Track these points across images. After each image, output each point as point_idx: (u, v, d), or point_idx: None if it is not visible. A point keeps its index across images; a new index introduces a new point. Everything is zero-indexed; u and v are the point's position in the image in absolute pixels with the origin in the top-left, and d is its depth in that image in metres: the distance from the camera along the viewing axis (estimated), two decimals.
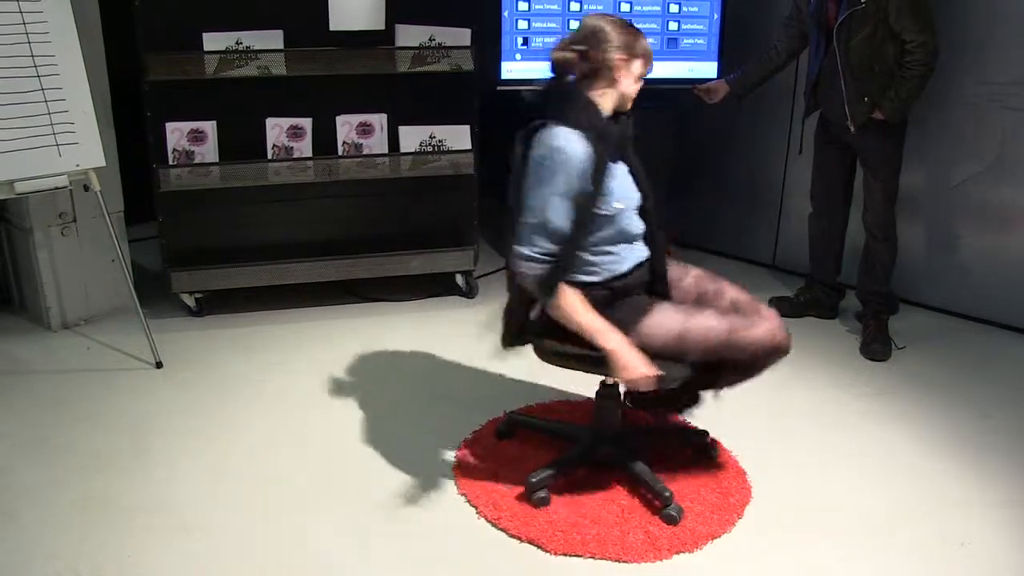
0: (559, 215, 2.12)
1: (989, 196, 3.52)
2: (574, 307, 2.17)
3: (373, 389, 3.06)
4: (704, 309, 2.28)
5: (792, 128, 3.96)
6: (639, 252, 2.32)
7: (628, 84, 2.24)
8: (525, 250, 2.15)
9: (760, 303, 2.35)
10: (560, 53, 2.21)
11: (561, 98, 2.20)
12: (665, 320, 2.21)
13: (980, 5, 3.38)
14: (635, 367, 2.12)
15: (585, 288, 2.21)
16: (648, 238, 2.34)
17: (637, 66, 2.24)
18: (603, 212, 2.18)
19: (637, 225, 2.30)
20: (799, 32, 3.38)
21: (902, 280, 3.61)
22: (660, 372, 2.14)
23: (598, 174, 2.13)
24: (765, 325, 2.23)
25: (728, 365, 2.28)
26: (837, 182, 3.48)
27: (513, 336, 2.38)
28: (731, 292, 2.38)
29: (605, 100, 2.24)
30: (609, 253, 2.25)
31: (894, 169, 3.30)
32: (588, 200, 2.13)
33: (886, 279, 3.43)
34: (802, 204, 3.76)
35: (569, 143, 2.12)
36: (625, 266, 2.28)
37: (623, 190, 2.24)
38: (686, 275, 2.44)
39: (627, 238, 2.28)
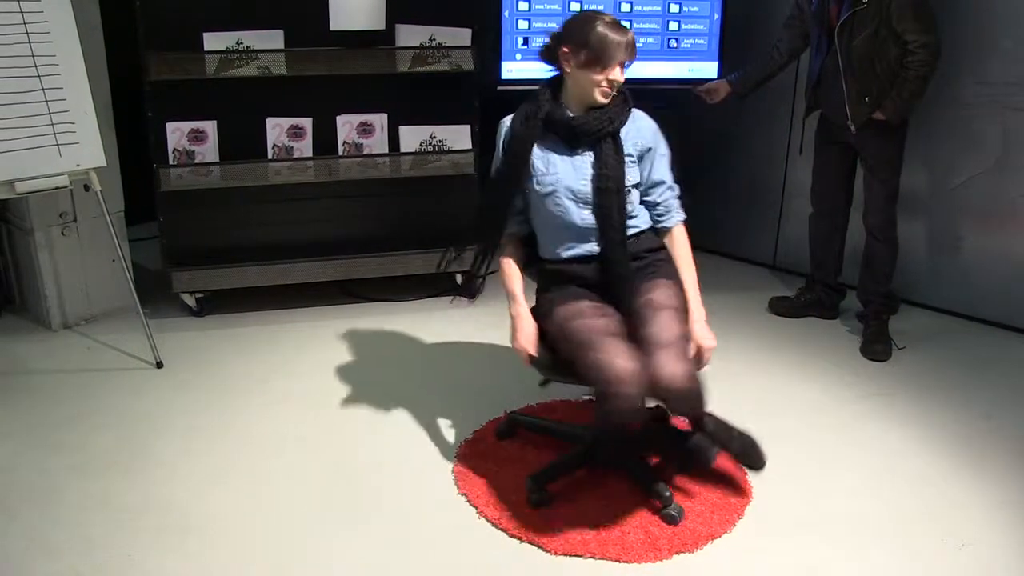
0: (491, 178, 2.41)
1: (990, 196, 3.51)
2: (502, 269, 2.42)
3: (373, 389, 3.06)
4: (604, 320, 2.23)
5: (792, 128, 3.96)
6: (585, 246, 2.33)
7: (579, 74, 2.26)
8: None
9: (669, 353, 2.12)
10: (542, 47, 2.38)
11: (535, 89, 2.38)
12: (566, 311, 2.28)
13: (981, 5, 3.38)
14: (519, 339, 2.29)
15: (532, 259, 2.43)
16: (602, 236, 2.32)
17: (583, 56, 2.23)
18: (528, 191, 2.35)
19: (579, 218, 2.31)
20: (801, 32, 3.37)
21: (903, 280, 3.60)
22: (534, 353, 2.28)
23: (511, 149, 2.33)
24: (621, 363, 2.07)
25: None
26: (838, 182, 3.48)
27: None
28: (654, 326, 2.20)
29: (568, 92, 2.32)
30: (552, 236, 2.38)
31: (894, 169, 3.29)
32: (500, 170, 2.36)
33: (887, 279, 3.43)
34: (803, 204, 3.76)
35: (504, 122, 2.38)
36: (565, 254, 2.36)
37: (553, 176, 2.32)
38: (648, 292, 2.31)
39: (563, 225, 2.34)
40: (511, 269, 2.41)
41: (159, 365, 3.19)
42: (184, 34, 3.30)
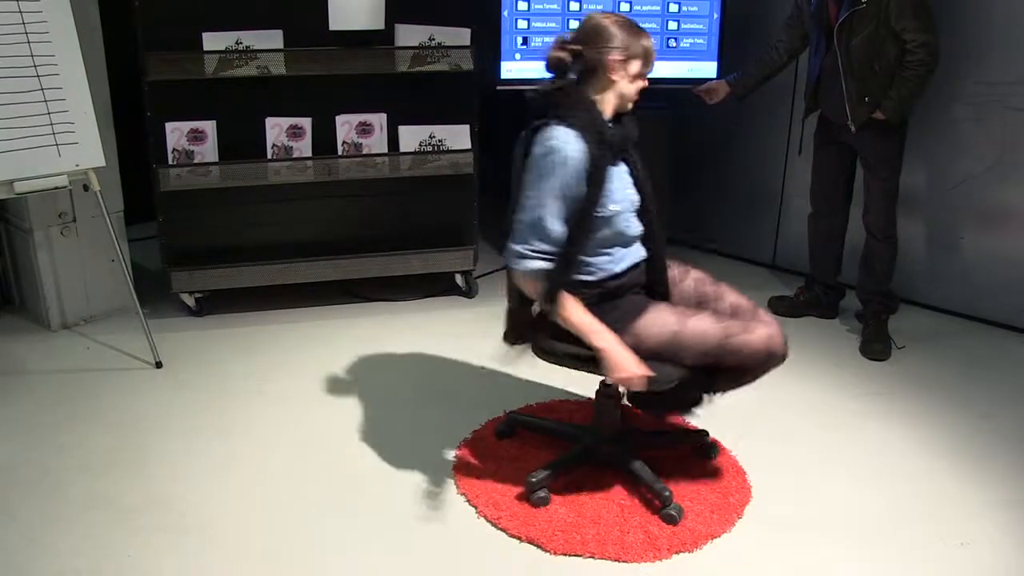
0: (553, 215, 2.13)
1: (989, 196, 3.52)
2: (568, 307, 2.16)
3: (373, 389, 3.06)
4: (700, 311, 2.27)
5: (792, 128, 3.96)
6: (636, 253, 2.32)
7: (626, 84, 2.23)
8: (519, 247, 2.16)
9: (760, 308, 2.34)
10: (554, 53, 2.21)
11: (561, 98, 2.19)
12: (659, 321, 2.21)
13: (981, 5, 3.38)
14: (626, 367, 2.12)
15: (580, 287, 2.21)
16: (647, 239, 2.34)
17: (635, 66, 2.21)
18: (600, 214, 2.17)
19: (635, 226, 2.30)
20: (800, 32, 3.38)
21: (902, 280, 3.60)
22: (651, 373, 2.13)
23: (595, 176, 2.12)
24: (762, 330, 2.21)
25: (724, 369, 2.25)
26: (837, 182, 3.48)
27: (516, 334, 2.38)
28: (731, 296, 2.38)
29: (604, 100, 2.23)
30: (605, 254, 2.25)
31: (894, 169, 3.30)
32: (585, 202, 2.13)
33: (886, 279, 3.43)
34: (802, 204, 3.76)
35: (567, 143, 2.12)
36: (620, 266, 2.28)
37: (621, 192, 2.24)
38: (687, 276, 2.44)
39: (624, 240, 2.27)
40: (578, 301, 2.19)
41: (158, 365, 3.19)
42: (183, 34, 3.30)
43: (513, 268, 2.19)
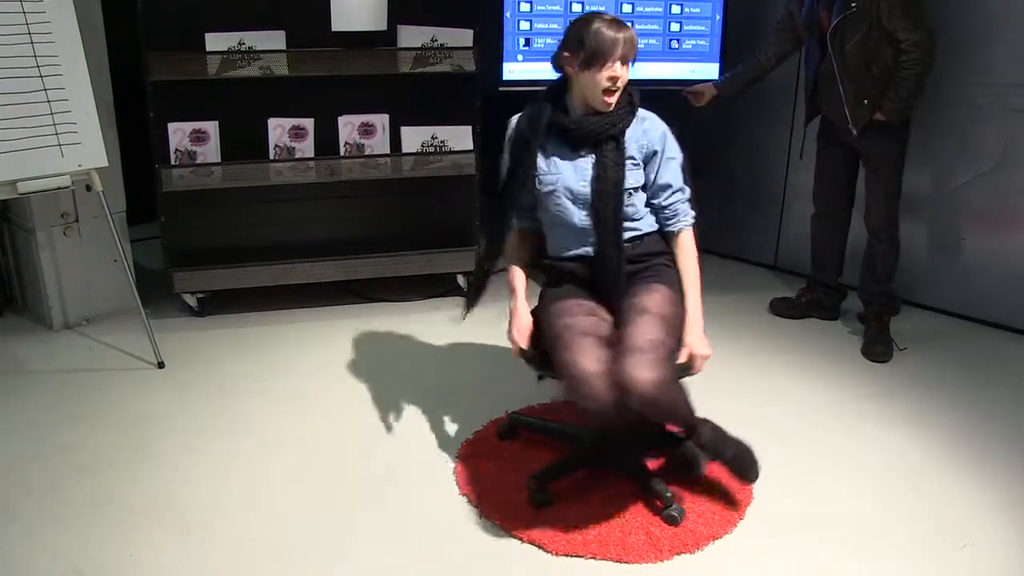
0: (501, 174, 2.42)
1: (991, 197, 3.51)
2: (508, 267, 2.45)
3: (374, 389, 3.06)
4: (586, 319, 2.24)
5: (794, 129, 3.96)
6: (584, 247, 2.35)
7: (583, 79, 2.25)
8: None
9: (640, 358, 2.09)
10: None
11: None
12: (557, 308, 2.30)
13: (982, 5, 3.38)
14: (514, 331, 2.33)
15: (540, 256, 2.46)
16: (599, 238, 2.32)
17: (582, 57, 2.22)
18: (536, 187, 2.36)
19: (576, 218, 2.33)
20: (791, 37, 3.39)
21: (904, 281, 3.60)
22: (523, 346, 2.31)
23: (516, 149, 2.36)
24: (586, 365, 2.08)
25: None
26: (839, 183, 3.48)
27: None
28: (631, 329, 2.18)
29: (574, 95, 2.32)
30: (549, 233, 2.43)
31: (896, 169, 3.29)
32: (512, 168, 2.37)
33: (889, 279, 3.43)
34: (804, 205, 3.76)
35: (512, 120, 2.41)
36: (561, 252, 2.41)
37: (555, 176, 2.34)
38: (635, 295, 2.30)
39: (563, 224, 2.37)
40: (516, 269, 2.47)
41: (160, 365, 3.19)
42: (186, 34, 3.31)
43: None
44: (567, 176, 2.33)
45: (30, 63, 2.92)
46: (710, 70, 3.84)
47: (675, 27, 3.81)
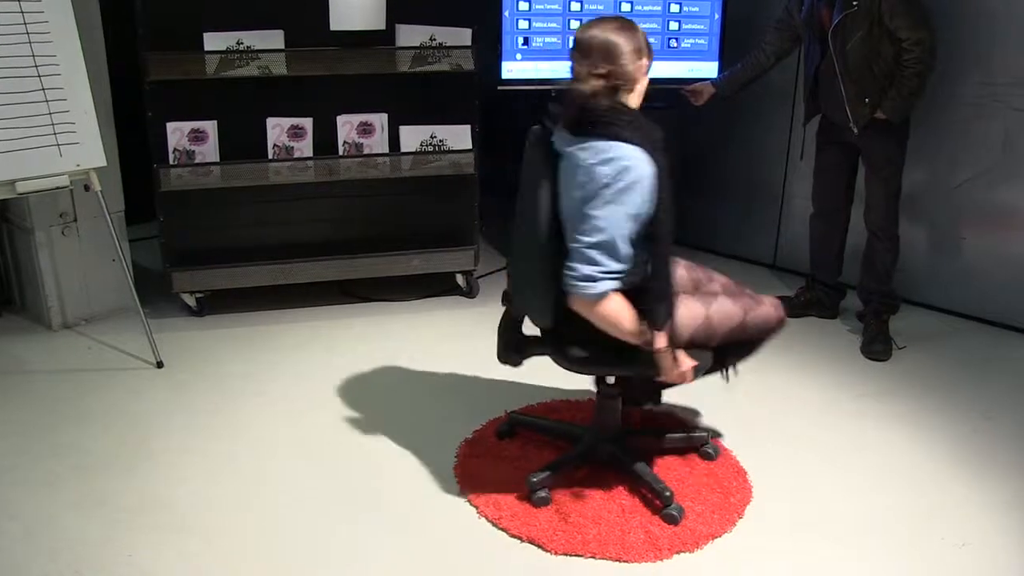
0: (624, 235, 2.06)
1: (991, 196, 3.51)
2: (620, 314, 2.10)
3: (373, 389, 3.06)
4: (713, 295, 2.36)
5: (793, 128, 3.96)
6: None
7: (645, 82, 2.23)
8: (587, 269, 2.07)
9: (742, 284, 2.51)
10: (587, 85, 2.10)
11: (613, 116, 2.10)
12: (690, 310, 2.26)
13: (982, 5, 3.38)
14: (682, 362, 2.18)
15: (630, 293, 2.13)
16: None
17: (647, 63, 2.21)
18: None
19: None
20: (790, 36, 3.39)
21: (903, 279, 3.60)
22: (695, 362, 2.21)
23: (663, 190, 2.08)
24: (767, 302, 2.42)
25: (734, 344, 2.38)
26: (839, 182, 3.48)
27: (510, 351, 2.40)
28: (718, 277, 2.53)
29: (633, 104, 2.19)
30: (642, 255, 2.16)
31: (897, 168, 3.29)
32: (653, 217, 2.09)
33: (888, 278, 3.43)
34: (803, 204, 3.76)
35: (638, 163, 2.05)
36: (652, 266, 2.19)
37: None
38: (676, 266, 2.36)
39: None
40: (628, 306, 2.13)
41: (159, 365, 3.19)
42: (184, 34, 3.30)
43: (575, 292, 2.08)
44: None
45: (28, 63, 2.91)
46: (709, 69, 3.84)
47: (674, 26, 3.81)
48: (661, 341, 2.11)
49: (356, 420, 2.86)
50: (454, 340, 3.43)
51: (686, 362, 2.18)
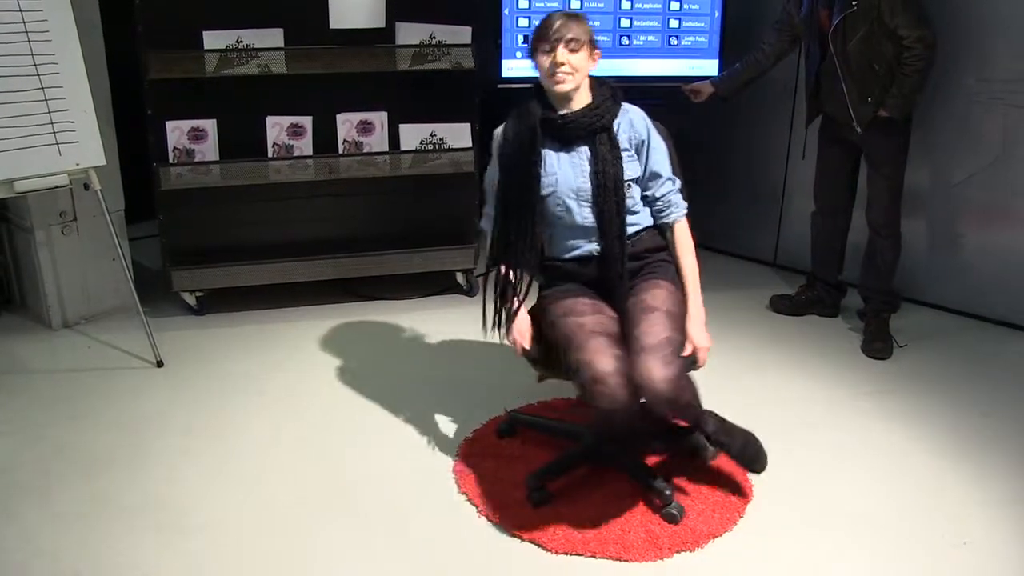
0: (490, 187, 2.39)
1: (991, 194, 3.51)
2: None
3: (373, 387, 3.06)
4: (594, 318, 2.23)
5: (794, 126, 3.95)
6: (587, 246, 2.33)
7: (540, 70, 2.29)
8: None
9: (654, 358, 2.10)
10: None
11: None
12: (560, 307, 2.29)
13: (983, 3, 3.37)
14: (514, 331, 2.31)
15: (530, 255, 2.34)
16: (602, 234, 2.31)
17: (533, 46, 2.28)
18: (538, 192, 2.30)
19: (581, 216, 2.31)
20: (789, 36, 3.39)
21: (904, 278, 3.60)
22: (525, 346, 2.30)
23: (514, 155, 2.30)
24: (602, 366, 2.07)
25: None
26: (840, 180, 3.48)
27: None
28: (642, 328, 2.19)
29: (549, 94, 2.32)
30: (549, 234, 2.37)
31: (899, 165, 3.29)
32: (520, 181, 2.28)
33: (889, 276, 3.43)
34: (804, 202, 3.76)
35: (498, 131, 2.37)
36: (562, 252, 2.36)
37: (553, 176, 2.30)
38: (641, 292, 2.31)
39: (566, 225, 2.33)
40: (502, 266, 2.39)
41: (159, 364, 3.19)
42: (184, 32, 3.30)
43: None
44: (565, 174, 2.31)
45: (27, 61, 2.91)
46: (709, 66, 3.84)
47: (674, 24, 3.80)
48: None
49: (356, 419, 2.86)
50: (454, 338, 3.43)
51: (519, 334, 2.32)
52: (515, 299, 2.32)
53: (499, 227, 2.35)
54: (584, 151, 2.30)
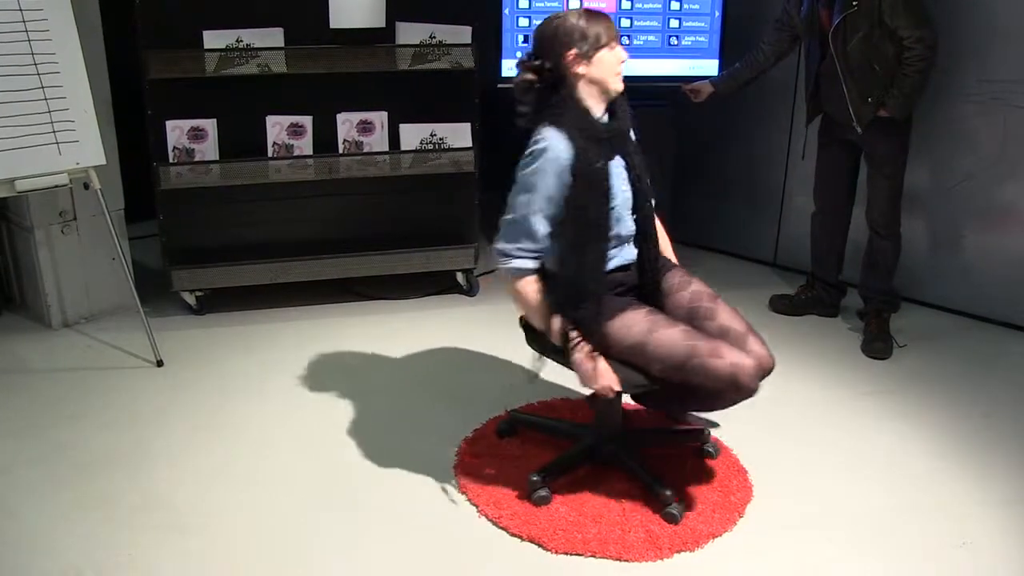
0: (538, 215, 2.16)
1: (991, 194, 3.51)
2: (527, 292, 2.22)
3: (373, 387, 3.06)
4: (677, 324, 2.19)
5: (793, 126, 3.95)
6: (627, 253, 2.31)
7: (596, 71, 2.18)
8: (503, 245, 2.22)
9: (752, 336, 2.21)
10: (522, 78, 2.23)
11: (546, 100, 2.21)
12: (630, 326, 2.19)
13: (983, 3, 3.37)
14: (596, 379, 2.17)
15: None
16: (640, 238, 2.31)
17: (603, 55, 2.18)
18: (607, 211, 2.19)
19: (628, 225, 2.28)
20: (789, 36, 3.40)
21: (904, 278, 3.60)
22: (617, 386, 2.18)
23: (590, 174, 2.13)
24: (732, 358, 2.09)
25: (691, 389, 2.18)
26: (840, 180, 3.48)
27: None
28: (724, 316, 2.25)
29: (587, 94, 2.21)
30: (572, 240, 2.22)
31: (900, 165, 3.29)
32: (577, 201, 2.13)
33: (889, 276, 3.43)
34: (803, 202, 3.76)
35: (553, 143, 2.13)
36: (608, 264, 2.25)
37: (616, 188, 2.22)
38: (687, 287, 2.34)
39: (617, 239, 2.25)
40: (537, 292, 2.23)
41: (159, 364, 3.18)
42: (184, 32, 3.30)
43: (498, 266, 2.25)
44: (620, 185, 2.23)
45: (27, 61, 2.91)
46: (709, 66, 3.83)
47: (674, 23, 3.80)
48: (556, 324, 2.17)
49: (356, 419, 2.86)
50: (454, 338, 3.43)
51: (606, 373, 2.16)
52: (587, 343, 2.17)
53: (574, 260, 2.15)
54: (618, 159, 2.25)
